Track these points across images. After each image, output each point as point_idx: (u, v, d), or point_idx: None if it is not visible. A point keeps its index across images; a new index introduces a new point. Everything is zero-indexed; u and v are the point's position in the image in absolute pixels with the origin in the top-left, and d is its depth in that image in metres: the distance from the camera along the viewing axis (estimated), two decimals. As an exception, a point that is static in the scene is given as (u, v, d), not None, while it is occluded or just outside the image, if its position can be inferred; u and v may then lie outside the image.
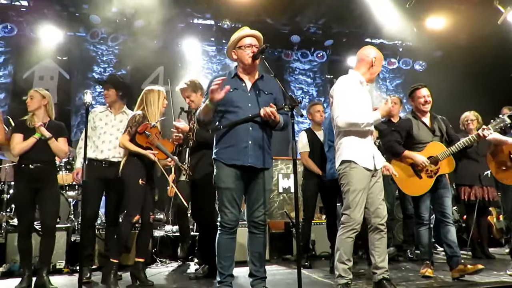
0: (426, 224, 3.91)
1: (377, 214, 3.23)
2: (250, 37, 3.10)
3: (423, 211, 3.90)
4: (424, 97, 3.94)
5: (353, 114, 3.18)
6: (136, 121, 3.70)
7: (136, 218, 3.62)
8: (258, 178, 3.03)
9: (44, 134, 3.64)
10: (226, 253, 3.00)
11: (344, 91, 3.25)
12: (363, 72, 3.37)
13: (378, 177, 3.32)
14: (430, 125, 3.95)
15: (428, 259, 3.91)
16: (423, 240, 3.93)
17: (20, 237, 3.69)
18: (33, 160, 3.63)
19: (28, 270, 3.62)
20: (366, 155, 3.24)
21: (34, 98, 3.78)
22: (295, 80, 9.58)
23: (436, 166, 3.81)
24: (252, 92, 3.08)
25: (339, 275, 3.15)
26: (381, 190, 3.31)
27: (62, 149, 3.73)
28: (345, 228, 3.18)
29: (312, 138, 4.85)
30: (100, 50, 8.37)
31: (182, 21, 8.19)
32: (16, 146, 3.63)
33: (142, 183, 3.64)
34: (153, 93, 3.83)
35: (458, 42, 8.43)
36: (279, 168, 6.25)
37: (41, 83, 7.84)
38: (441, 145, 3.87)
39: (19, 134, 3.68)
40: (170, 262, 4.95)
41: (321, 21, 8.61)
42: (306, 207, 4.79)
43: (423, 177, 3.84)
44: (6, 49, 7.82)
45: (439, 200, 3.86)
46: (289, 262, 5.06)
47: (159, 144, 3.69)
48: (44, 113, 3.79)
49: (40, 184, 3.63)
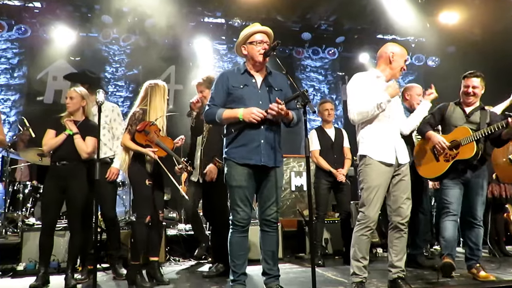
0: (453, 214, 3.58)
1: (399, 212, 3.14)
2: (261, 33, 3.08)
3: (449, 198, 3.60)
4: (468, 87, 3.69)
5: (361, 103, 3.11)
6: (136, 119, 3.63)
7: (149, 219, 3.59)
8: (269, 176, 3.01)
9: (71, 128, 3.65)
10: (238, 251, 2.99)
11: (355, 86, 3.21)
12: (383, 69, 3.29)
13: (403, 174, 3.19)
14: (469, 112, 3.70)
15: (449, 254, 3.54)
16: (447, 233, 3.57)
17: (42, 234, 3.68)
18: (61, 158, 3.64)
19: (45, 267, 3.63)
20: (384, 148, 3.13)
21: (75, 99, 3.74)
22: (306, 78, 9.54)
23: (456, 150, 3.60)
24: (262, 89, 3.06)
25: (353, 273, 3.12)
26: (406, 188, 3.18)
27: (83, 147, 3.64)
28: (359, 226, 3.13)
29: (322, 136, 4.84)
30: (112, 50, 8.44)
31: (192, 20, 8.20)
32: (47, 142, 3.67)
33: (149, 183, 3.60)
34: (158, 88, 3.75)
35: (472, 37, 8.30)
36: (291, 166, 6.23)
37: (54, 84, 7.95)
38: (467, 129, 3.59)
39: (52, 130, 3.70)
40: (183, 261, 4.97)
41: (332, 18, 8.54)
42: (319, 205, 4.77)
43: (440, 160, 3.66)
44: (20, 51, 7.93)
45: (469, 197, 3.64)
46: (302, 261, 5.04)
47: (158, 141, 3.60)
48: (81, 113, 3.78)
49: (67, 182, 3.63)
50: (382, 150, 3.13)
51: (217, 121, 3.02)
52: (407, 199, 3.17)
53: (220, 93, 3.05)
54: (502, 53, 7.19)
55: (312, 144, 4.82)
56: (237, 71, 3.11)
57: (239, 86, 3.02)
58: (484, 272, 3.52)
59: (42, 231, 3.70)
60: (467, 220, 3.67)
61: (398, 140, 3.24)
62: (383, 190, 3.12)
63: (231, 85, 3.03)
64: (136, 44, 8.18)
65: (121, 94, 8.37)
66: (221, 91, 3.05)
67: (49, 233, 3.69)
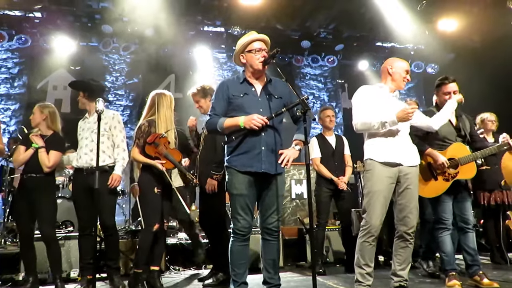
0: (449, 229, 3.59)
1: (405, 222, 3.12)
2: (259, 41, 3.08)
3: (446, 214, 3.57)
4: (450, 94, 3.65)
5: (366, 114, 3.16)
6: (142, 132, 3.72)
7: (156, 227, 3.61)
8: (271, 184, 3.00)
9: (36, 142, 3.79)
10: (239, 260, 2.97)
11: (360, 97, 3.30)
12: (385, 82, 3.39)
13: (409, 182, 3.16)
14: (456, 123, 3.71)
15: (453, 269, 3.56)
16: (446, 247, 3.58)
17: (21, 247, 3.81)
18: (28, 171, 3.80)
19: (33, 277, 3.70)
20: (386, 150, 3.15)
21: (35, 114, 3.94)
22: (306, 86, 9.57)
23: (455, 170, 3.59)
24: (262, 97, 3.05)
25: (356, 280, 3.09)
26: (412, 198, 3.15)
27: (44, 161, 3.76)
28: (362, 232, 3.12)
29: (323, 144, 4.82)
30: (112, 60, 8.48)
31: (192, 28, 8.25)
32: (16, 158, 3.84)
33: (158, 191, 3.66)
34: (165, 97, 3.83)
35: (471, 44, 8.34)
36: (291, 174, 6.21)
37: (55, 93, 7.98)
38: (465, 148, 3.61)
39: (22, 147, 3.87)
40: (184, 270, 4.93)
41: (332, 26, 8.60)
42: (319, 213, 4.74)
43: (438, 179, 3.61)
44: (20, 60, 7.98)
45: (459, 205, 3.64)
46: (303, 269, 5.00)
47: (167, 153, 3.68)
48: (46, 127, 3.93)
49: (34, 194, 3.74)
50: (385, 152, 3.15)
51: (218, 130, 3.01)
52: (415, 208, 3.14)
53: (221, 102, 3.05)
54: (501, 60, 7.21)
55: (313, 152, 4.81)
56: (237, 80, 3.11)
57: (239, 95, 3.02)
58: (487, 279, 3.48)
59: (20, 243, 3.82)
60: (460, 226, 3.66)
61: (404, 144, 3.23)
62: (385, 197, 3.09)
63: (231, 94, 3.03)
64: (136, 53, 8.23)
65: (121, 103, 8.40)
66: (222, 100, 3.05)
67: (27, 243, 3.79)
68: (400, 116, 3.07)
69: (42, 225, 3.78)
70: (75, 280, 4.27)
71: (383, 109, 3.16)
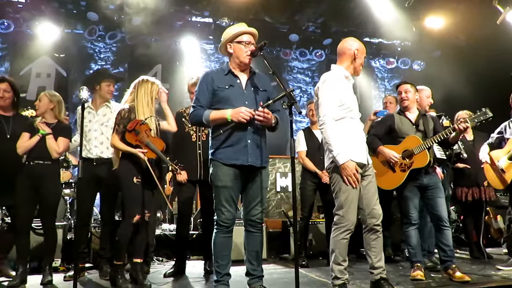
0: (415, 224, 3.78)
1: (373, 215, 3.16)
2: (249, 34, 3.08)
3: (411, 210, 3.78)
4: (400, 93, 4.00)
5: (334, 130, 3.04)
6: (122, 118, 3.53)
7: (137, 219, 3.46)
8: (255, 177, 3.01)
9: (43, 129, 3.74)
10: (222, 252, 2.98)
11: (329, 89, 3.14)
12: (347, 66, 3.26)
13: (371, 176, 3.23)
14: (415, 120, 3.92)
15: (418, 261, 3.77)
16: (412, 241, 3.78)
17: (17, 234, 3.74)
18: (35, 157, 3.73)
19: (22, 266, 3.64)
20: (358, 151, 3.13)
21: (42, 101, 3.89)
22: (293, 79, 9.56)
23: (410, 160, 3.77)
24: (247, 89, 3.05)
25: (335, 277, 3.09)
26: (375, 190, 3.22)
27: (54, 147, 3.78)
28: (339, 229, 3.09)
29: (310, 138, 4.84)
30: (98, 48, 8.34)
31: (180, 19, 8.15)
32: (22, 144, 3.75)
33: (137, 181, 3.49)
34: (146, 84, 3.65)
35: (457, 42, 8.42)
36: (277, 167, 6.23)
37: (38, 81, 7.82)
38: (417, 138, 3.79)
39: (26, 133, 3.79)
40: (167, 261, 4.93)
41: (320, 20, 8.59)
42: (304, 206, 4.78)
43: (396, 171, 3.81)
44: (2, 46, 7.79)
45: (431, 202, 3.75)
46: (287, 261, 5.04)
47: (148, 142, 3.50)
48: (52, 115, 3.89)
49: (40, 181, 3.70)
50: (356, 153, 3.11)
51: (204, 123, 2.99)
52: (377, 200, 3.21)
53: (205, 94, 3.02)
54: (486, 58, 7.30)
55: (299, 145, 4.83)
56: (221, 71, 3.09)
57: (225, 87, 3.00)
58: (459, 272, 3.59)
59: (17, 230, 3.75)
60: (435, 223, 3.78)
61: (364, 140, 3.28)
62: (357, 191, 3.11)
63: (217, 86, 3.01)
64: (122, 42, 8.11)
65: (106, 92, 8.25)
66: (206, 92, 3.02)
67: (24, 232, 3.74)
68: (345, 172, 3.02)
69: (44, 213, 3.80)
70: (56, 269, 4.26)
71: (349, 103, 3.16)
